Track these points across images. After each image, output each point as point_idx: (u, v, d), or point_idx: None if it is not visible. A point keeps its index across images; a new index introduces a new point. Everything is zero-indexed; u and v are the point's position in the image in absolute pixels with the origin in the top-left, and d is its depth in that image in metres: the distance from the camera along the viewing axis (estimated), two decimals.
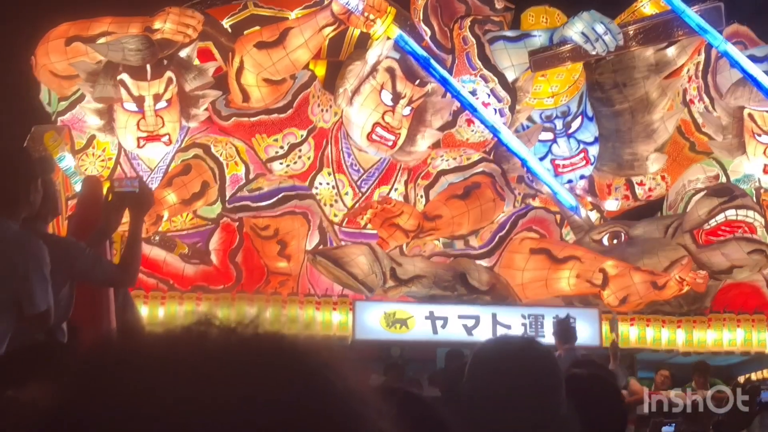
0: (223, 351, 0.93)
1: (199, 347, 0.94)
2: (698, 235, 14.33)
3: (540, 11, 16.03)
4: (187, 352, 0.93)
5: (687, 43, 15.66)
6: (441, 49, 15.34)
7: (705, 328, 14.41)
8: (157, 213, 13.59)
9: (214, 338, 0.95)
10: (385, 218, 13.93)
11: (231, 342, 0.94)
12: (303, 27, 14.39)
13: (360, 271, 13.32)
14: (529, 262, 14.45)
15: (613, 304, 14.11)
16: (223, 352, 0.93)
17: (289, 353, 0.97)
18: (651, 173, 16.66)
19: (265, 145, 14.99)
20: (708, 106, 15.80)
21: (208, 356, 0.92)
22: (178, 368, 0.91)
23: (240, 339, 0.95)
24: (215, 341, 0.94)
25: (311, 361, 0.96)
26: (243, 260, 14.66)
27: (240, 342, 0.95)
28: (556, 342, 10.13)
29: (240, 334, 0.96)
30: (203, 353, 0.93)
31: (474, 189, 14.57)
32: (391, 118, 14.87)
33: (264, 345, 0.96)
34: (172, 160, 14.91)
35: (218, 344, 0.94)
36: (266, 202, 13.84)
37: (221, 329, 0.96)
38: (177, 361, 0.92)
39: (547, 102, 15.97)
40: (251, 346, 0.95)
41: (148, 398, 0.88)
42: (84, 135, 14.96)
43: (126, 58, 13.75)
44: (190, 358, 0.92)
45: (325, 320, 13.83)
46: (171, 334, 0.97)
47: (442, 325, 13.93)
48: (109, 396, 0.89)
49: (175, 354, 0.93)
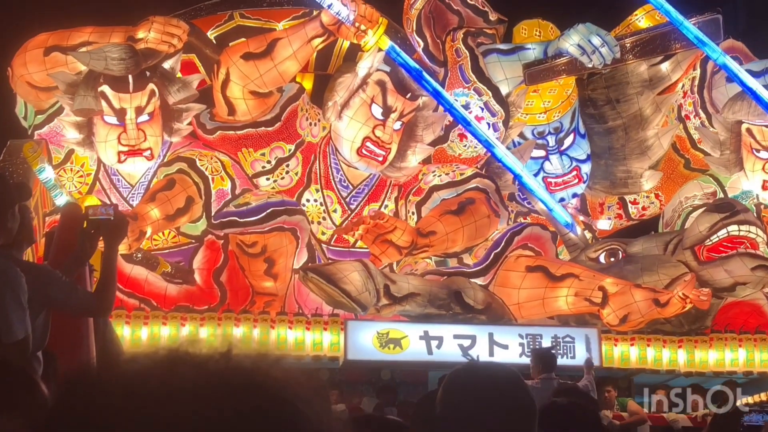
0: (192, 387, 0.95)
1: (170, 383, 0.96)
2: (699, 252, 13.92)
3: (533, 24, 15.70)
4: (157, 387, 0.95)
5: (682, 58, 15.37)
6: (433, 61, 14.94)
7: (707, 348, 13.98)
8: (140, 229, 13.02)
9: (183, 374, 0.97)
10: (378, 234, 13.42)
11: (201, 377, 0.97)
12: (291, 38, 13.92)
13: (353, 288, 12.77)
14: (526, 281, 13.98)
15: (614, 323, 13.66)
16: (192, 388, 0.95)
17: (261, 388, 0.98)
18: (645, 191, 16.29)
19: (252, 159, 14.45)
20: (704, 122, 15.49)
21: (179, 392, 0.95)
22: (147, 404, 0.94)
23: (211, 374, 0.98)
24: (185, 377, 0.96)
25: (283, 396, 0.98)
26: (228, 280, 14.07)
27: (211, 376, 0.97)
28: (533, 371, 9.72)
29: (211, 368, 0.98)
30: (174, 389, 0.95)
31: (468, 205, 14.10)
32: (382, 132, 14.40)
33: (235, 380, 0.98)
34: (154, 176, 14.34)
35: (187, 380, 0.96)
36: (254, 218, 13.27)
37: (193, 364, 0.98)
38: (147, 396, 0.94)
39: (540, 118, 15.61)
40: (223, 380, 0.97)
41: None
42: (62, 149, 14.37)
43: (108, 67, 13.20)
44: (160, 394, 0.94)
45: (315, 341, 13.26)
46: (143, 368, 0.98)
47: (437, 345, 13.39)
48: None
49: (145, 389, 0.95)
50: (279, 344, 13.15)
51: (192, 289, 13.98)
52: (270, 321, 13.21)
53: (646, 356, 13.88)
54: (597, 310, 13.77)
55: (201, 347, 1.03)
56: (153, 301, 13.57)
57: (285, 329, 13.22)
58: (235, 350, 1.02)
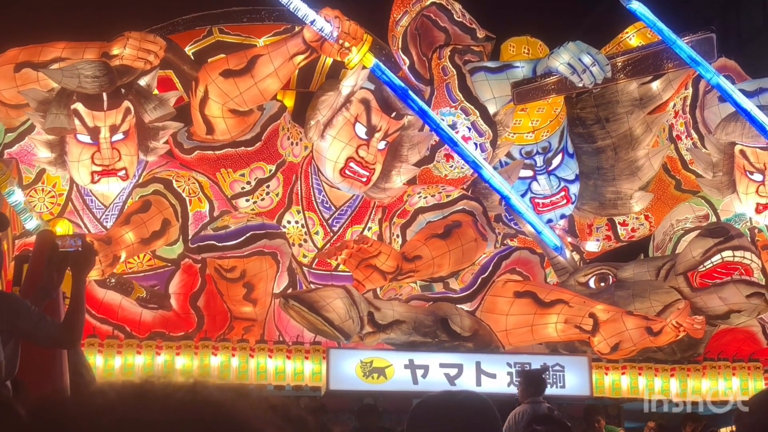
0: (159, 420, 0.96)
1: (137, 415, 0.96)
2: (693, 278, 13.51)
3: (521, 41, 15.25)
4: (124, 418, 0.96)
5: (673, 77, 14.97)
6: (419, 79, 14.47)
7: (700, 377, 13.59)
8: (114, 253, 12.47)
9: (151, 406, 0.98)
10: (362, 259, 12.93)
11: (168, 409, 0.98)
12: (273, 54, 13.40)
13: (336, 316, 12.28)
14: (514, 306, 13.54)
15: (604, 351, 13.24)
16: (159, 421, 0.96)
17: (228, 421, 0.98)
18: (635, 212, 15.89)
19: (231, 180, 13.93)
20: (696, 142, 15.08)
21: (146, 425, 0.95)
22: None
23: (178, 407, 0.99)
24: (153, 408, 0.98)
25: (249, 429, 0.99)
26: (205, 305, 13.55)
27: (178, 409, 0.98)
28: (521, 393, 9.38)
29: (178, 400, 1.00)
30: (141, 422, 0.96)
31: (455, 228, 13.64)
32: (366, 152, 13.92)
33: (203, 413, 0.98)
34: (128, 196, 13.80)
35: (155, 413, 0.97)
36: (233, 242, 12.75)
37: (160, 396, 1.00)
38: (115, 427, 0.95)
39: (528, 137, 15.18)
40: (190, 413, 0.98)
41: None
42: (33, 169, 13.79)
43: (82, 85, 12.64)
44: (127, 426, 0.95)
45: (296, 370, 12.77)
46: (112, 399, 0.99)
47: (423, 374, 12.93)
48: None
49: (114, 420, 0.96)
50: (258, 373, 12.66)
51: (168, 315, 13.45)
52: (249, 349, 12.71)
53: (638, 385, 13.48)
54: (587, 338, 13.35)
55: (170, 379, 1.03)
56: (127, 327, 13.04)
57: (264, 358, 12.72)
58: (200, 384, 1.02)
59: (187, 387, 1.01)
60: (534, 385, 9.45)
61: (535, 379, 9.69)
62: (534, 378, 9.74)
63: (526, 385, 9.44)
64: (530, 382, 9.53)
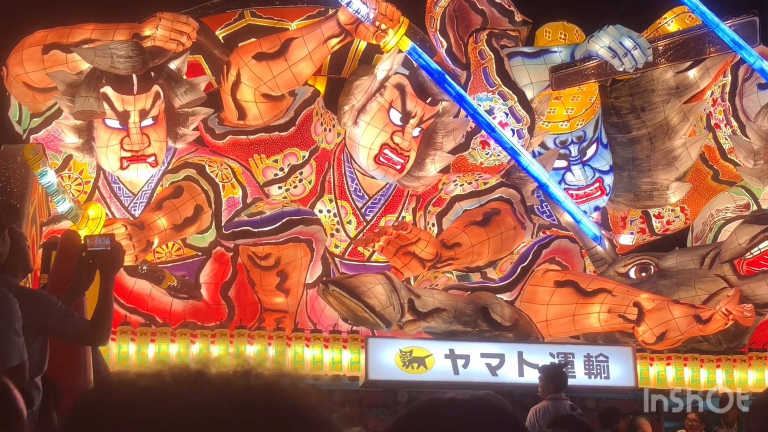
0: (215, 406, 0.94)
1: (191, 403, 0.94)
2: (739, 266, 13.15)
3: (558, 27, 14.92)
4: (178, 407, 0.94)
5: (710, 65, 14.66)
6: (456, 63, 14.13)
7: (746, 368, 13.20)
8: (147, 239, 12.08)
9: (205, 393, 0.96)
10: (400, 246, 12.55)
11: (223, 397, 0.96)
12: (307, 38, 13.06)
13: (377, 302, 11.88)
14: (555, 296, 13.16)
15: (649, 341, 12.85)
16: (215, 407, 0.94)
17: (283, 409, 0.97)
18: (671, 204, 15.53)
19: (264, 166, 13.55)
20: (736, 130, 14.75)
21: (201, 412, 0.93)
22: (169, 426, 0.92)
23: (232, 393, 0.97)
24: (207, 396, 0.96)
25: (304, 416, 0.98)
26: (236, 295, 13.13)
27: (232, 396, 0.96)
28: (542, 390, 9.00)
29: (233, 387, 0.98)
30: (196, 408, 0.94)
31: (494, 215, 13.28)
32: (401, 138, 13.57)
33: (257, 399, 0.97)
34: (158, 184, 13.42)
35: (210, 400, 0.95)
36: (269, 228, 12.35)
37: (212, 383, 0.98)
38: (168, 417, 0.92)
39: (563, 126, 14.84)
40: (244, 400, 0.96)
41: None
42: (59, 155, 13.42)
43: (114, 65, 12.26)
44: (182, 415, 0.93)
45: (334, 359, 12.35)
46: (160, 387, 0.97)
47: (464, 364, 12.51)
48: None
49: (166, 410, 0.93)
50: (295, 363, 12.23)
51: (198, 305, 13.04)
52: (285, 338, 12.30)
53: (683, 376, 13.09)
54: (631, 328, 12.96)
55: (219, 366, 1.01)
56: (157, 317, 12.63)
57: (302, 347, 12.32)
58: (254, 370, 1.01)
59: (241, 372, 0.99)
60: (555, 381, 9.13)
61: (555, 374, 9.34)
62: (554, 373, 9.39)
63: (546, 381, 9.13)
64: (550, 378, 9.20)
